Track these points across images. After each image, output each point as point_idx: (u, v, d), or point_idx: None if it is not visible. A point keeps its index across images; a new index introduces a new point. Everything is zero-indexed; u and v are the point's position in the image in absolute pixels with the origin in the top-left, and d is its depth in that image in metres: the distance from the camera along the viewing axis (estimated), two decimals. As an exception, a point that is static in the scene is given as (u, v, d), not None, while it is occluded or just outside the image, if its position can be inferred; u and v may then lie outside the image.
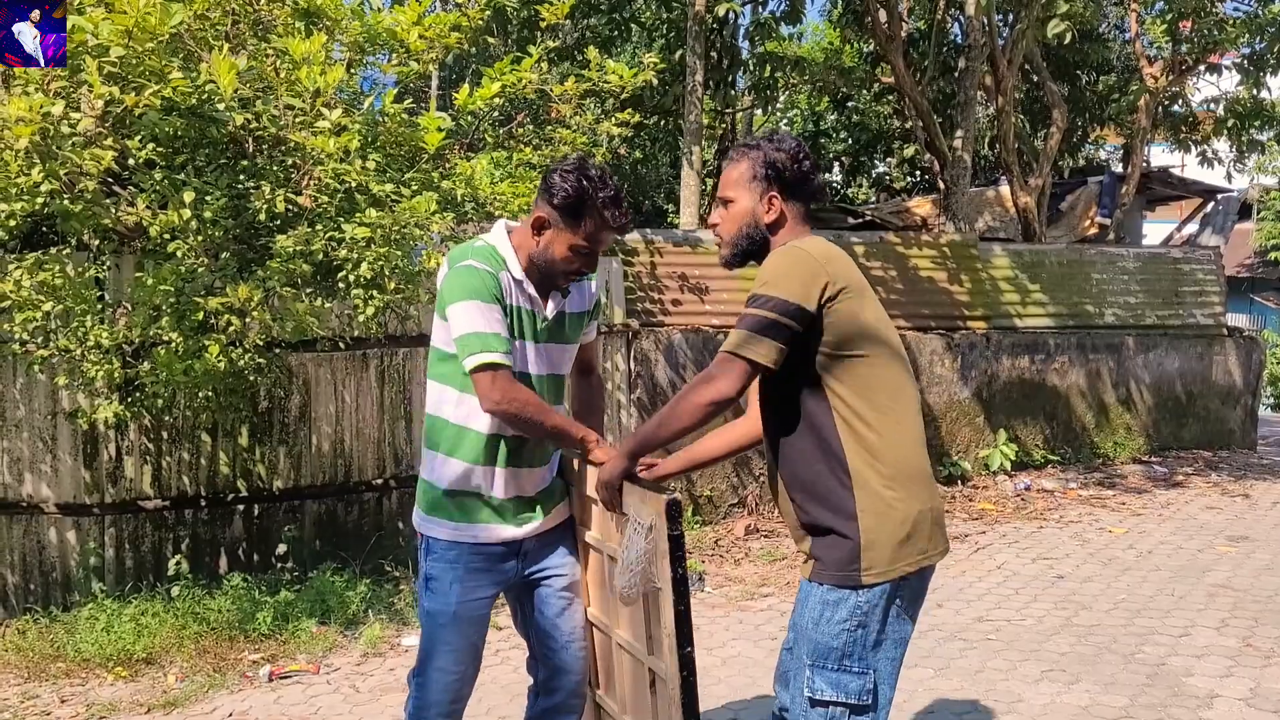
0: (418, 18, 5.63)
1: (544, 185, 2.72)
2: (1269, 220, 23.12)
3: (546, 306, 2.79)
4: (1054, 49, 12.58)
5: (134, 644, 4.82)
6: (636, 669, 2.73)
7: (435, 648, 2.76)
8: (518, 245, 2.77)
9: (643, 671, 2.69)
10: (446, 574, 2.75)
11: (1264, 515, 8.10)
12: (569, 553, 2.92)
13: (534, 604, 2.90)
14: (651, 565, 2.48)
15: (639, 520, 2.51)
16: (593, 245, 2.73)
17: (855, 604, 2.42)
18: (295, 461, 5.97)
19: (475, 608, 2.77)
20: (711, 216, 2.73)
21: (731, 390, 2.43)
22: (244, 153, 5.08)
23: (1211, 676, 4.59)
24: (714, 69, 11.01)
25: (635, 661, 2.73)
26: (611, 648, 2.89)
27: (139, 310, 4.90)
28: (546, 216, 2.71)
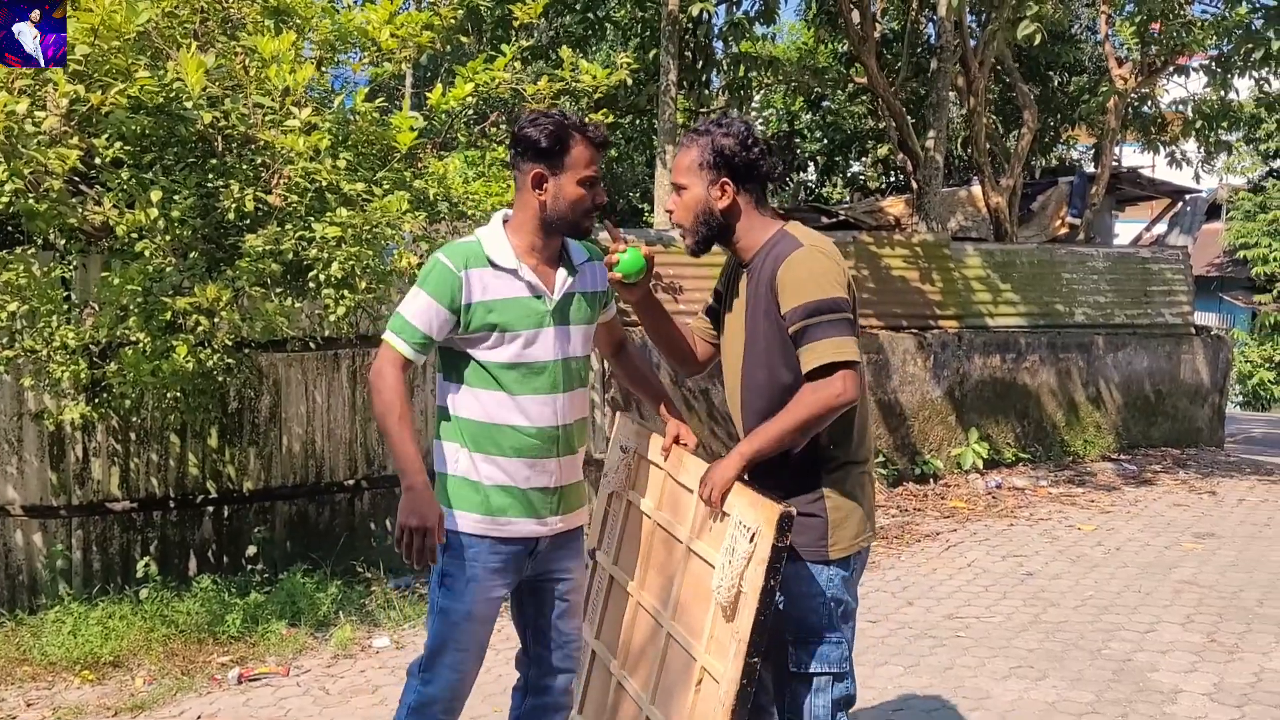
0: (389, 16, 5.60)
1: (521, 145, 2.67)
2: (1237, 220, 23.39)
3: (554, 288, 2.74)
4: (1025, 50, 12.69)
5: (101, 647, 4.78)
6: (684, 663, 2.69)
7: (446, 645, 2.74)
8: (516, 229, 2.73)
9: (692, 668, 2.64)
10: (464, 572, 2.71)
11: (1230, 512, 8.20)
12: (577, 556, 2.92)
13: (536, 604, 2.89)
14: (746, 569, 2.47)
15: (744, 524, 2.51)
16: (595, 170, 2.71)
17: (828, 577, 2.64)
18: (265, 462, 5.94)
19: (490, 607, 2.76)
20: (667, 203, 2.77)
21: (856, 394, 2.54)
22: (213, 151, 5.05)
23: (1176, 672, 4.64)
24: (688, 69, 11.02)
25: (685, 656, 2.69)
26: (656, 633, 2.84)
27: (106, 310, 4.86)
28: (541, 169, 2.67)
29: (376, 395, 2.64)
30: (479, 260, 2.69)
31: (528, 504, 2.74)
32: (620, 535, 3.16)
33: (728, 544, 2.54)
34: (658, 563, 2.93)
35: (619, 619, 3.06)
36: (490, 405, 2.70)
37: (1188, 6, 11.46)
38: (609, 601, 3.16)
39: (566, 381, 2.77)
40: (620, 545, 3.15)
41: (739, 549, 2.50)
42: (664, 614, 2.82)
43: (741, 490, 2.60)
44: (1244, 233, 23.05)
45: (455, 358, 2.74)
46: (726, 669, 2.49)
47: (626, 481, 3.16)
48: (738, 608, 2.50)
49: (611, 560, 3.17)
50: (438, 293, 2.64)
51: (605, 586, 3.21)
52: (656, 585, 2.91)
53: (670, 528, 2.87)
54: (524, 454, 2.71)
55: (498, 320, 2.67)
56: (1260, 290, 23.17)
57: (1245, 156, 23.17)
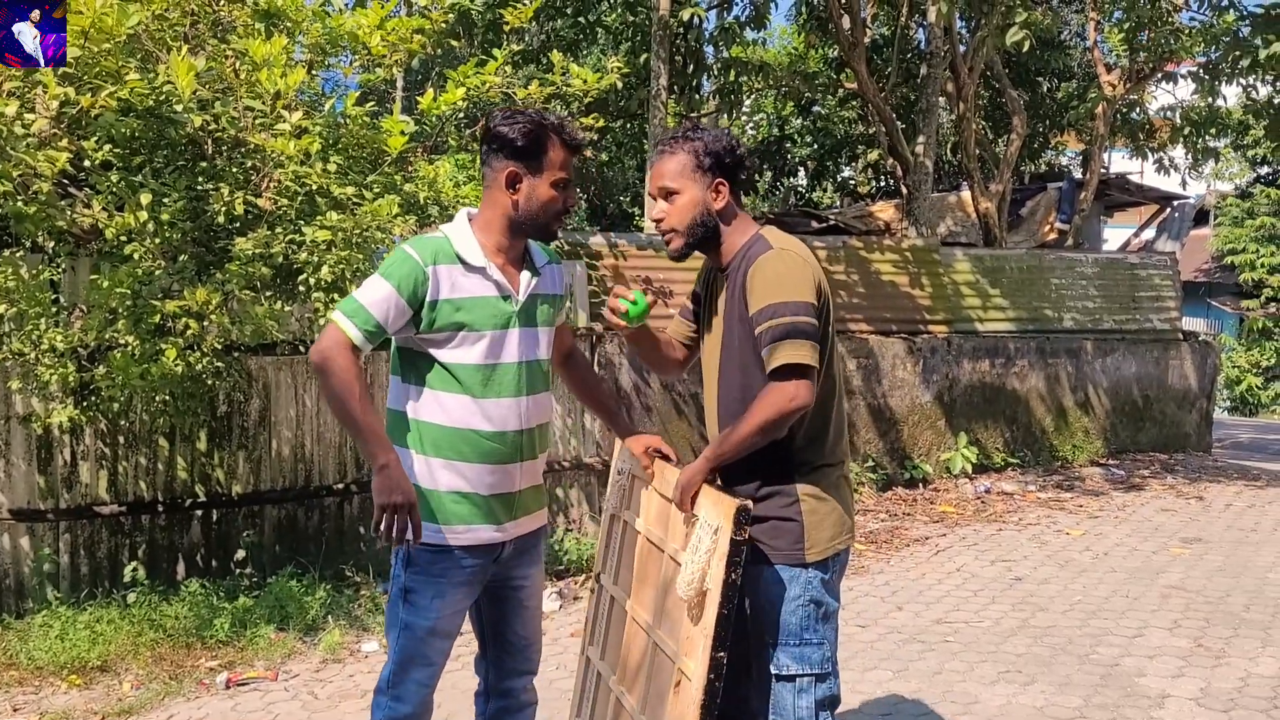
0: (380, 20, 5.60)
1: (494, 142, 2.62)
2: (1225, 226, 23.52)
3: (519, 289, 2.70)
4: (1014, 56, 12.74)
5: (89, 651, 4.76)
6: (668, 670, 2.71)
7: (413, 661, 2.69)
8: (483, 227, 2.68)
9: (671, 671, 2.66)
10: (428, 588, 2.65)
11: (1217, 518, 8.24)
12: (536, 561, 2.89)
13: (496, 610, 2.86)
14: (709, 566, 2.50)
15: (708, 522, 2.54)
16: (569, 173, 2.68)
17: (806, 580, 2.66)
18: (255, 466, 5.92)
19: (454, 620, 2.72)
20: (654, 211, 2.76)
21: (810, 399, 2.54)
22: (203, 154, 5.04)
23: (1163, 677, 4.66)
24: (679, 73, 11.04)
25: (668, 662, 2.71)
26: (646, 645, 2.86)
27: (95, 313, 4.84)
28: (515, 169, 2.62)
29: (329, 378, 2.53)
30: (448, 257, 2.62)
31: (488, 510, 2.68)
32: (619, 556, 3.16)
33: (692, 543, 2.57)
34: (648, 577, 2.92)
35: (619, 638, 3.06)
36: (453, 409, 2.63)
37: (1176, 14, 11.52)
38: (611, 622, 3.16)
39: (530, 384, 2.72)
40: (619, 565, 3.15)
41: (702, 546, 2.52)
42: (653, 626, 2.83)
43: (706, 491, 2.63)
44: (1231, 238, 23.18)
45: (416, 359, 2.66)
46: (697, 666, 2.51)
47: (623, 502, 3.17)
48: (704, 605, 2.52)
49: (613, 581, 3.17)
50: (401, 284, 2.56)
51: (608, 608, 3.20)
52: (648, 599, 2.91)
53: (659, 542, 2.88)
54: (487, 459, 2.65)
55: (465, 319, 2.61)
56: (1248, 296, 23.29)
57: (1233, 163, 23.32)
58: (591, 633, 3.27)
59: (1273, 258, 22.33)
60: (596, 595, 3.25)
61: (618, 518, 3.21)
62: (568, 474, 7.11)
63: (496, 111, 2.69)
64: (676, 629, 2.67)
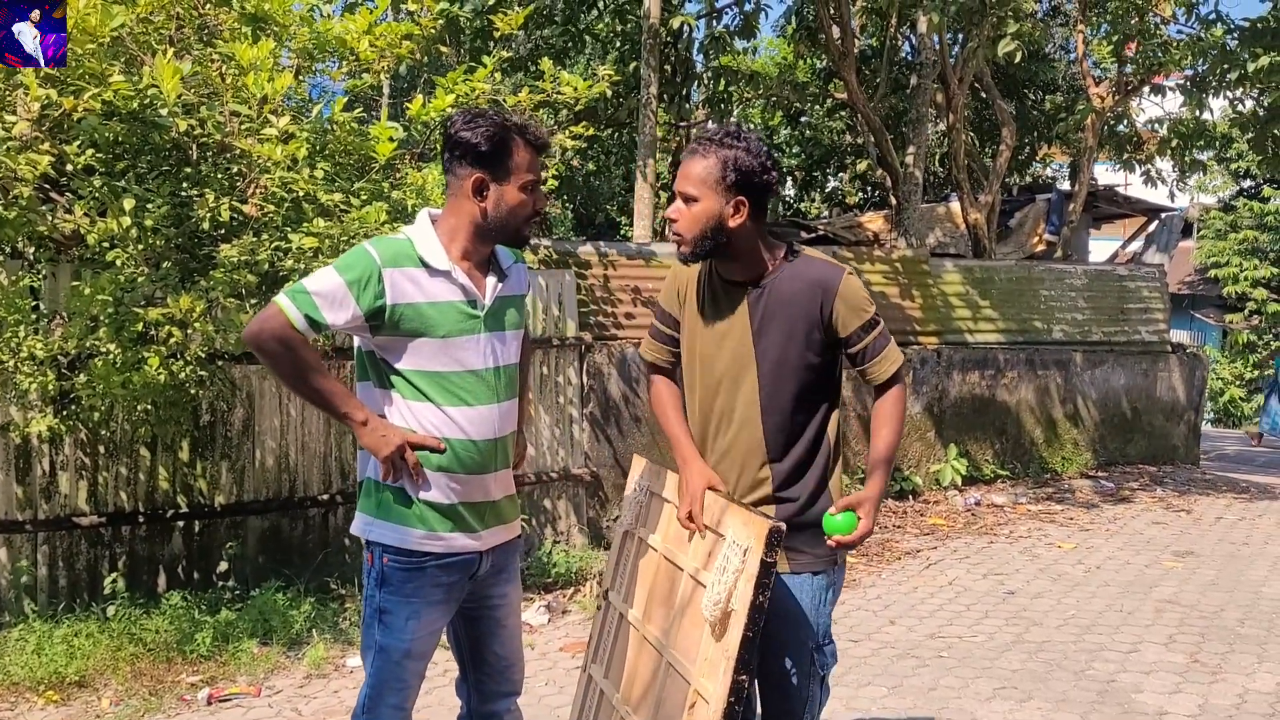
0: (368, 26, 5.54)
1: (456, 149, 2.52)
2: (1209, 239, 23.64)
3: (485, 293, 2.60)
4: (1004, 68, 12.76)
5: (66, 666, 4.65)
6: (680, 690, 2.64)
7: (388, 685, 2.60)
8: (449, 233, 2.58)
9: (686, 693, 2.59)
10: (403, 609, 2.56)
11: (1208, 530, 8.22)
12: (512, 579, 2.80)
13: (475, 632, 2.77)
14: (735, 587, 2.46)
15: (736, 542, 2.49)
16: (536, 174, 2.59)
17: (836, 581, 2.77)
18: (238, 476, 5.82)
19: (430, 641, 2.64)
20: (670, 210, 2.69)
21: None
22: (188, 160, 4.96)
23: (1160, 693, 4.61)
24: (668, 82, 11.00)
25: (682, 682, 2.64)
26: (658, 665, 2.78)
27: (75, 321, 4.75)
28: (481, 175, 2.52)
29: (276, 356, 2.44)
30: (410, 260, 2.52)
31: (463, 519, 2.60)
32: (630, 573, 3.08)
33: (719, 563, 2.51)
34: (661, 594, 2.87)
35: (626, 656, 2.98)
36: (425, 417, 2.54)
37: (1164, 27, 11.56)
38: (618, 640, 3.08)
39: (501, 391, 2.64)
40: (630, 583, 3.07)
41: (730, 566, 2.48)
42: (665, 644, 2.76)
43: (734, 510, 2.56)
44: (1215, 251, 23.29)
45: (383, 366, 2.57)
46: (716, 688, 2.44)
47: (638, 519, 3.11)
48: (727, 626, 2.46)
49: (622, 599, 3.09)
50: (354, 283, 2.45)
51: (615, 626, 3.11)
52: (659, 616, 2.85)
53: (674, 558, 2.82)
54: (462, 469, 2.57)
55: (427, 325, 2.51)
56: (1231, 309, 23.41)
57: (1216, 175, 23.44)
58: (595, 650, 3.18)
59: (1255, 271, 22.45)
60: (603, 612, 3.18)
61: (632, 534, 3.13)
62: (556, 485, 7.03)
63: (456, 115, 2.60)
64: (693, 649, 2.60)
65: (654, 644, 2.82)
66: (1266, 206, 22.36)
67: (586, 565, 6.51)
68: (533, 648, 5.28)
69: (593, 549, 6.99)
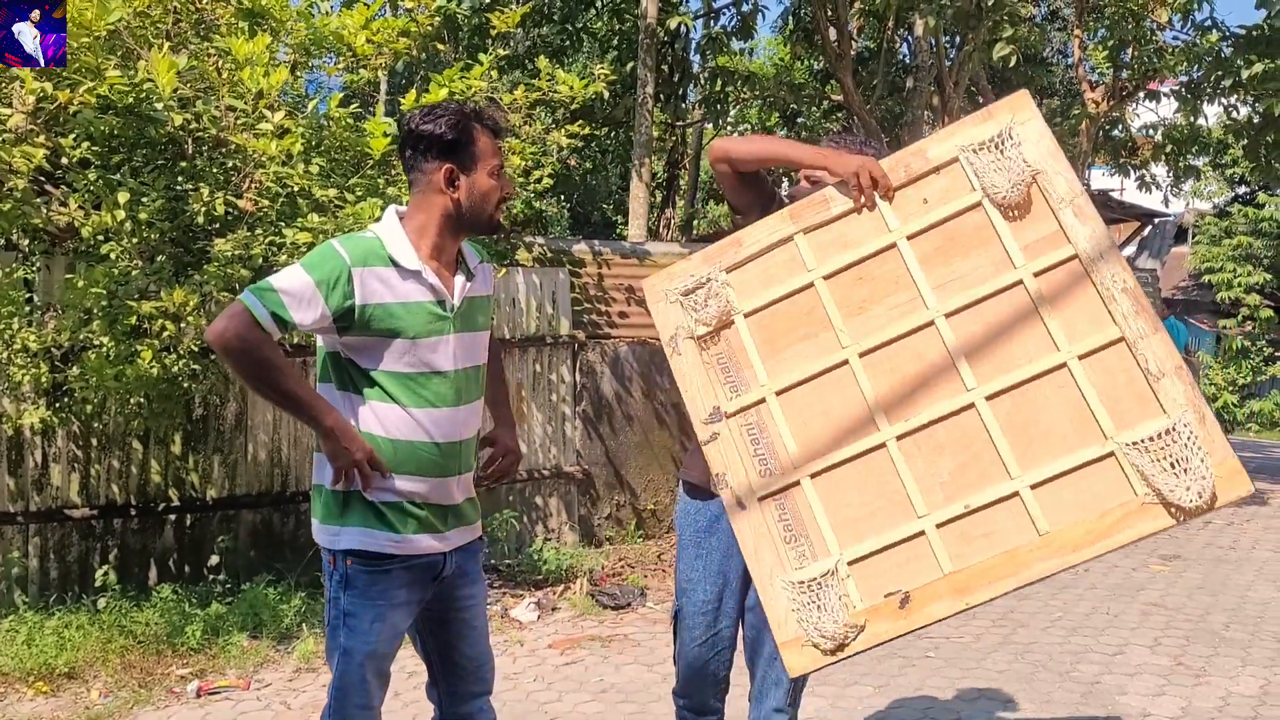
0: (365, 21, 5.56)
1: (420, 143, 2.51)
2: (1203, 244, 23.70)
3: (454, 293, 2.57)
4: (999, 72, 12.79)
5: (56, 658, 4.66)
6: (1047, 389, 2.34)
7: (352, 685, 2.57)
8: (418, 230, 2.54)
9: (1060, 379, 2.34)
10: (368, 611, 2.53)
11: (1195, 534, 8.26)
12: (477, 580, 2.76)
13: (442, 636, 2.74)
14: (1027, 163, 2.37)
15: (978, 142, 2.41)
16: (500, 159, 2.58)
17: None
18: (230, 470, 5.84)
19: (394, 643, 2.61)
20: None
21: None
22: (183, 154, 4.97)
23: (1144, 695, 4.64)
24: (665, 82, 11.03)
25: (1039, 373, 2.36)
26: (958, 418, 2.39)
27: (69, 313, 4.77)
28: (451, 166, 2.49)
29: (241, 356, 2.39)
30: (379, 259, 2.47)
31: (426, 521, 2.56)
32: (759, 360, 2.52)
33: (981, 171, 2.39)
34: (881, 315, 2.45)
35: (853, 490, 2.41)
36: (389, 419, 2.49)
37: (1159, 33, 11.60)
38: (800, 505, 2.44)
39: (468, 392, 2.61)
40: (776, 361, 2.52)
41: (1006, 156, 2.37)
42: (960, 378, 2.37)
43: (938, 136, 2.48)
44: (1209, 257, 23.33)
45: (347, 367, 2.51)
46: (1098, 270, 2.32)
47: (722, 310, 2.55)
48: (1051, 204, 2.35)
49: (774, 394, 2.49)
50: (322, 282, 2.40)
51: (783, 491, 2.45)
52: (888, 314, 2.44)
53: (870, 252, 2.47)
54: (425, 471, 2.53)
55: (398, 325, 2.46)
56: (1225, 314, 23.47)
57: (1211, 181, 23.51)
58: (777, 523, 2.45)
59: (1249, 277, 22.49)
60: (751, 426, 2.50)
61: (734, 323, 2.55)
62: (547, 483, 7.05)
63: (413, 112, 2.58)
64: (1015, 345, 2.35)
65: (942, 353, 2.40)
66: (1261, 213, 22.40)
67: (577, 562, 6.53)
68: (521, 644, 5.30)
69: (584, 546, 7.02)
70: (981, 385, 2.36)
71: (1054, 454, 2.31)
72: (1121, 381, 2.31)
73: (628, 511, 7.46)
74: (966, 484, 2.34)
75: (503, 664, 4.89)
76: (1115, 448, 2.27)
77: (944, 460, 2.36)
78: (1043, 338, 2.35)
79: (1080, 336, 2.33)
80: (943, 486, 2.36)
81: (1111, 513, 2.26)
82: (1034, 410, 2.34)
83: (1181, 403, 2.28)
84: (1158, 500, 2.24)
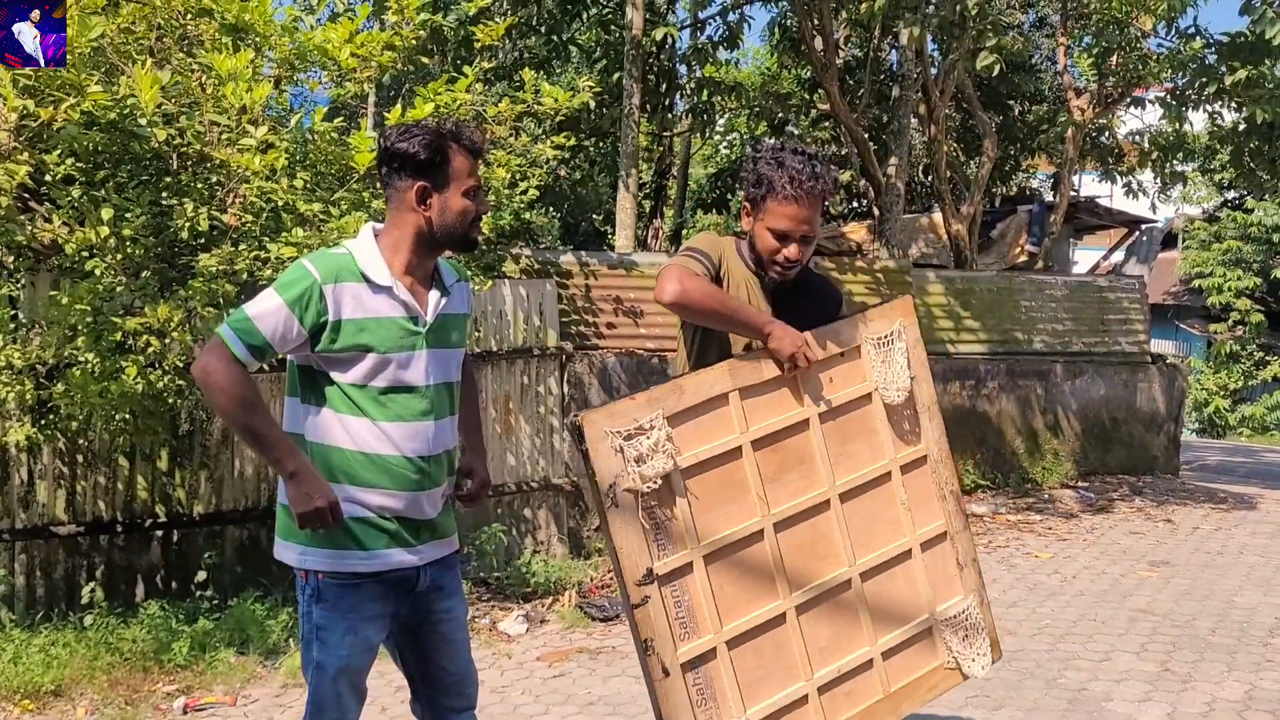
0: (349, 35, 5.56)
1: (394, 161, 2.54)
2: (1193, 249, 23.79)
3: (428, 309, 2.61)
4: (986, 80, 12.84)
5: (42, 675, 4.64)
6: (890, 558, 2.86)
7: (328, 701, 2.58)
8: (392, 246, 2.56)
9: (904, 551, 2.88)
10: (340, 624, 2.54)
11: (1185, 540, 8.28)
12: (455, 594, 2.76)
13: (421, 650, 2.74)
14: (909, 359, 2.87)
15: (878, 336, 2.85)
16: (477, 179, 2.60)
17: None
18: (217, 485, 5.83)
19: (367, 657, 2.62)
20: (789, 251, 2.82)
21: None
22: (167, 169, 4.98)
23: (1130, 701, 4.65)
24: (651, 92, 11.05)
25: (901, 533, 2.89)
26: (838, 529, 2.79)
27: (53, 330, 4.76)
28: (423, 184, 2.52)
29: (216, 393, 2.44)
30: (351, 274, 2.51)
31: (398, 535, 2.57)
32: (698, 508, 2.64)
33: (873, 362, 2.83)
34: (795, 467, 2.75)
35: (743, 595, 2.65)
36: (358, 432, 2.52)
37: (1144, 40, 11.66)
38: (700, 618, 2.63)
39: (439, 408, 2.61)
40: (710, 513, 2.65)
41: (894, 353, 2.84)
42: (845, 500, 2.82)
43: (838, 325, 2.84)
44: (1199, 262, 23.43)
45: (316, 379, 2.54)
46: (938, 471, 2.92)
47: (669, 457, 2.59)
48: (915, 407, 2.90)
49: (697, 544, 2.61)
50: (295, 302, 2.44)
51: (698, 593, 2.61)
52: (796, 487, 2.76)
53: (783, 431, 2.75)
54: (395, 485, 2.54)
55: (369, 340, 2.49)
56: (1215, 319, 23.55)
57: (1200, 187, 23.60)
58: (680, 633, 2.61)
59: (1239, 281, 22.59)
60: (659, 600, 2.57)
61: (671, 475, 2.60)
62: (536, 495, 7.05)
63: (390, 129, 2.62)
64: (887, 512, 2.85)
65: (831, 513, 2.78)
66: (1250, 217, 22.52)
67: (566, 575, 6.52)
68: (509, 657, 5.30)
69: (573, 559, 7.01)
70: (858, 561, 2.78)
71: (897, 624, 2.83)
72: (940, 565, 2.90)
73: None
74: (837, 649, 2.76)
75: (491, 677, 4.89)
76: (933, 622, 2.88)
77: (823, 628, 2.74)
78: (900, 523, 2.86)
79: (922, 524, 2.89)
80: (821, 652, 2.73)
81: (930, 674, 2.92)
82: (888, 586, 2.83)
83: (974, 588, 2.94)
84: (955, 665, 2.91)
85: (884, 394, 2.80)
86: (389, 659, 2.83)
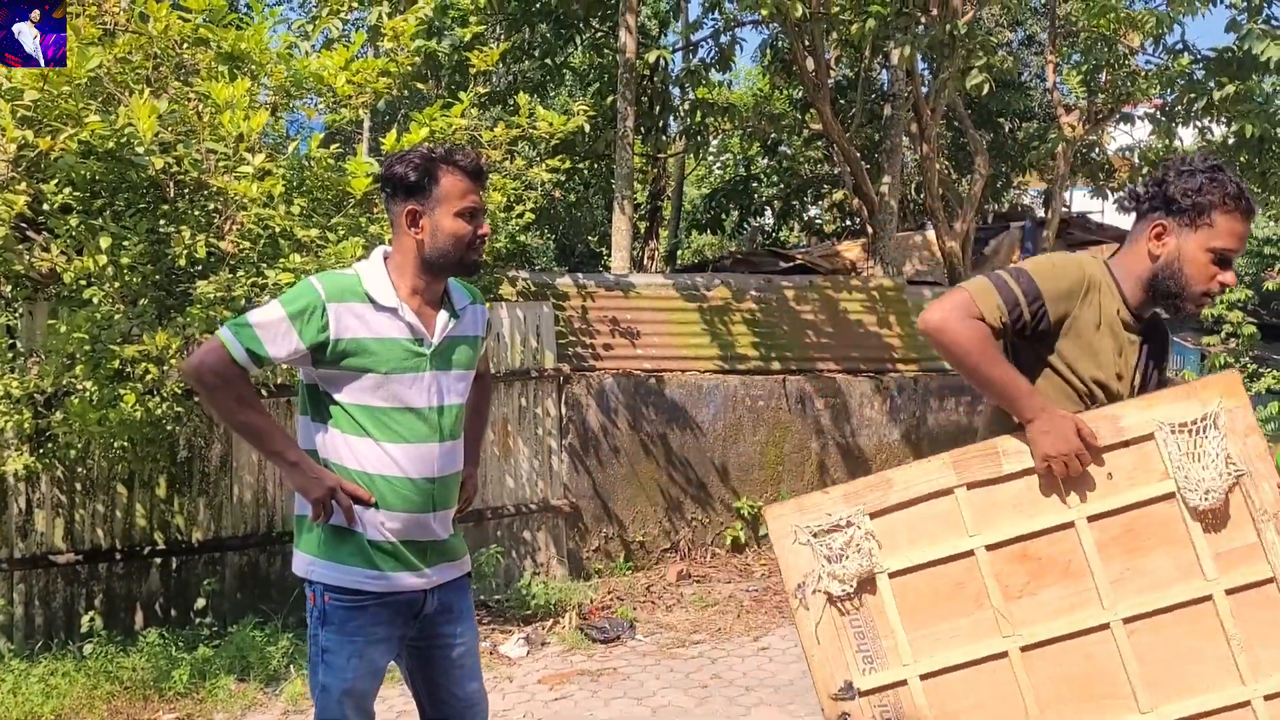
0: (345, 62, 5.61)
1: (388, 185, 2.58)
2: (1185, 263, 23.89)
3: (434, 331, 2.60)
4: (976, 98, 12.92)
5: (42, 705, 4.63)
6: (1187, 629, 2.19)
7: None
8: (397, 269, 2.59)
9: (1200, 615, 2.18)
10: (345, 647, 2.54)
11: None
12: (465, 618, 2.75)
13: (430, 674, 2.74)
14: (1230, 453, 2.17)
15: (1187, 421, 2.18)
16: (474, 200, 2.60)
17: None
18: (216, 512, 5.82)
19: (373, 680, 2.62)
20: (1228, 277, 2.46)
21: None
22: (164, 197, 5.00)
23: None
24: (645, 114, 11.10)
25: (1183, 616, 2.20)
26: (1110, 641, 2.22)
27: (52, 359, 4.77)
28: (413, 207, 2.54)
29: (212, 391, 2.46)
30: (357, 295, 2.54)
31: (405, 558, 2.57)
32: (899, 629, 2.27)
33: (1176, 459, 2.17)
34: (1049, 603, 2.22)
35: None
36: (363, 453, 2.53)
37: (1132, 57, 11.75)
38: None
39: (443, 431, 2.62)
40: (922, 626, 2.26)
41: (1208, 443, 2.15)
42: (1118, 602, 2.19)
43: (1142, 402, 2.24)
44: (1191, 275, 23.53)
45: (324, 399, 2.56)
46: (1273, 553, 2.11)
47: (865, 567, 2.27)
48: (1253, 487, 2.15)
49: (910, 658, 2.26)
50: (297, 316, 2.47)
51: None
52: (1075, 597, 2.21)
53: (1055, 526, 2.23)
54: (402, 506, 2.55)
55: (371, 361, 2.51)
56: (1208, 331, 23.61)
57: (1190, 201, 23.70)
58: None
59: (1231, 294, 22.68)
60: (885, 707, 2.24)
61: (873, 581, 2.28)
62: (535, 517, 7.05)
63: (391, 155, 2.66)
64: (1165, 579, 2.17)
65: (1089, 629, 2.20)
66: (1240, 231, 22.65)
67: (566, 596, 6.51)
68: (511, 680, 5.28)
69: (572, 580, 7.00)
70: (1159, 709, 2.15)
71: None
72: None
73: (616, 544, 7.45)
74: None
75: (492, 700, 4.85)
76: None
77: None
78: (1226, 668, 2.15)
79: (1266, 674, 2.13)
80: None
81: None
82: None
83: None
84: None
85: (1186, 496, 2.17)
86: (392, 683, 2.82)
